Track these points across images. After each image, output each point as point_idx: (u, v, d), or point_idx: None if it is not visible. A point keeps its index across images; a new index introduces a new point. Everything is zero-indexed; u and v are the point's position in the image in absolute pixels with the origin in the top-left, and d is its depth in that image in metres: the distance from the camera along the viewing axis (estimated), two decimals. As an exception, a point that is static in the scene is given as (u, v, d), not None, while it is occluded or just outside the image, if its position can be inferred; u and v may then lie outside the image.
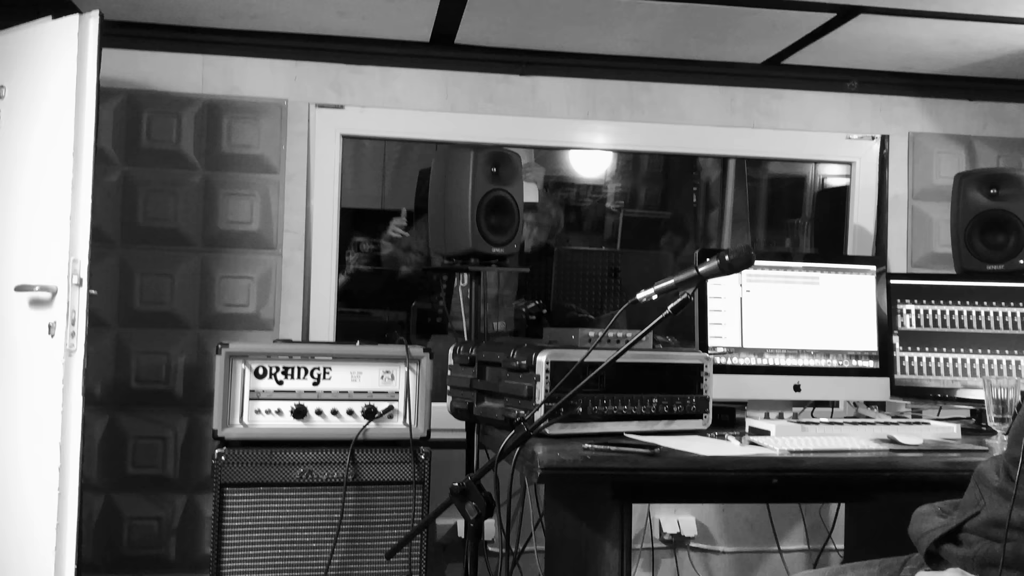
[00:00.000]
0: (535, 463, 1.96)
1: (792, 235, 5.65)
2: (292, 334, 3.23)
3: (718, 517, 3.50)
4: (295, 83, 3.28)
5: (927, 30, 2.99)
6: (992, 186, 3.07)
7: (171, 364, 3.15)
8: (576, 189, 5.76)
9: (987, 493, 1.55)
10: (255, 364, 2.65)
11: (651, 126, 3.48)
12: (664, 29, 3.06)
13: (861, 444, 2.21)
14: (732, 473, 2.03)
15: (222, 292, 3.19)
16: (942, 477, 2.10)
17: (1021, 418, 1.42)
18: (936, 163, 3.58)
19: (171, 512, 3.14)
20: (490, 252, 2.86)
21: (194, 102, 3.20)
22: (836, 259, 2.86)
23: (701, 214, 5.87)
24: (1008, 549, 1.43)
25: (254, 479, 2.59)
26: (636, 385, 2.31)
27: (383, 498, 2.66)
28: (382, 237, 4.15)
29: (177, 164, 3.18)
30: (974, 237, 3.07)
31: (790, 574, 3.42)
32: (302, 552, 2.60)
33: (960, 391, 2.77)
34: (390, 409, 2.71)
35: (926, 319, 2.81)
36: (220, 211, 3.20)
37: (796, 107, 3.54)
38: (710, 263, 1.94)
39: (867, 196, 3.63)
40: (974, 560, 1.50)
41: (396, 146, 5.33)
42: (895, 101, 3.58)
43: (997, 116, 3.63)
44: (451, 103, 3.37)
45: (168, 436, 3.14)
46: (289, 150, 3.26)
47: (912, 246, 3.58)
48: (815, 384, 2.71)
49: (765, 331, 2.69)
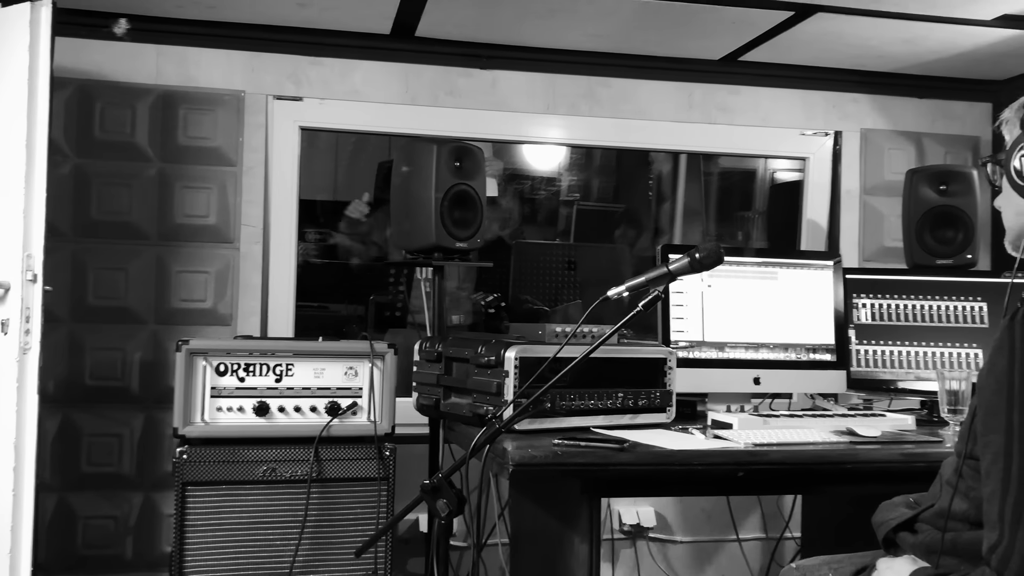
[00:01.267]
0: (506, 459, 1.97)
1: (744, 228, 5.74)
2: (250, 329, 3.19)
3: (676, 508, 3.55)
4: (253, 74, 3.23)
5: (881, 29, 3.05)
6: (942, 183, 3.16)
7: (126, 360, 3.09)
8: (531, 182, 5.77)
9: (943, 486, 1.60)
10: (216, 361, 2.62)
11: (610, 121, 3.50)
12: (625, 24, 3.08)
13: (822, 437, 2.26)
14: (699, 467, 2.06)
15: (178, 287, 3.14)
16: (900, 468, 2.16)
17: (969, 415, 1.47)
18: (887, 159, 3.67)
19: (127, 511, 3.09)
20: (454, 247, 2.85)
21: (149, 93, 3.13)
22: (794, 254, 2.92)
23: (654, 207, 5.93)
24: (948, 538, 1.48)
25: (216, 478, 2.55)
26: (602, 380, 2.33)
27: (348, 495, 2.65)
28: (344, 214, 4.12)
29: (131, 156, 3.11)
30: (925, 232, 3.15)
31: (749, 563, 3.50)
32: (266, 550, 2.57)
33: (913, 383, 2.85)
34: (354, 405, 2.70)
35: (881, 313, 2.88)
36: (176, 204, 3.14)
37: (752, 103, 3.60)
38: (680, 261, 1.96)
39: (820, 191, 3.70)
40: (922, 547, 1.56)
41: (350, 137, 5.28)
42: (847, 98, 3.66)
43: (945, 114, 3.72)
44: (411, 96, 3.35)
45: (124, 433, 3.08)
46: (247, 142, 3.21)
47: (864, 240, 3.66)
48: (774, 377, 2.76)
49: (726, 325, 2.73)
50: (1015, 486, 1.25)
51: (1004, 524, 1.24)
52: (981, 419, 1.35)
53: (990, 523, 1.28)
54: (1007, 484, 1.26)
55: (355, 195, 4.60)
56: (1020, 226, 1.52)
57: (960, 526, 1.48)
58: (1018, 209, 1.50)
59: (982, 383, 1.37)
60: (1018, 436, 1.26)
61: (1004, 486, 1.26)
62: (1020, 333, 1.29)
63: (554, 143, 3.93)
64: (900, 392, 2.89)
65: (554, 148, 5.42)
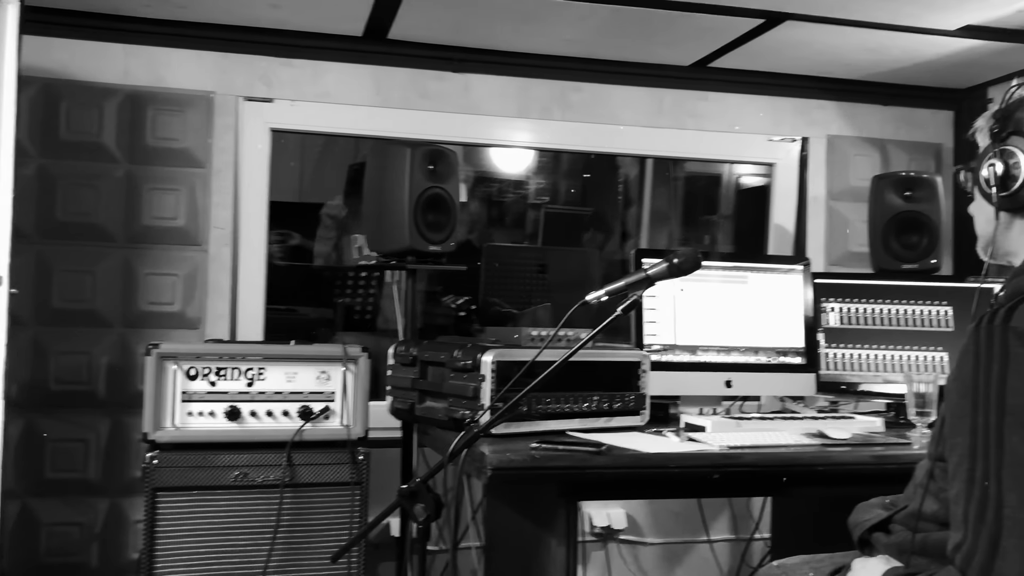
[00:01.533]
0: (484, 463, 1.96)
1: (710, 232, 5.79)
2: (219, 333, 3.15)
3: (646, 509, 3.57)
4: (223, 75, 3.19)
5: (848, 38, 3.11)
6: (907, 189, 3.22)
7: (93, 364, 3.04)
8: (498, 185, 5.78)
9: (916, 488, 1.63)
10: (187, 365, 2.59)
11: (582, 126, 3.51)
12: (598, 30, 3.10)
13: (794, 439, 2.29)
14: (675, 470, 2.08)
15: (146, 290, 3.09)
16: (871, 470, 2.20)
17: (939, 418, 1.50)
18: (852, 165, 3.73)
19: (93, 517, 3.03)
20: (427, 250, 2.85)
21: (116, 93, 3.08)
22: (765, 259, 2.95)
23: (620, 210, 5.96)
24: (918, 538, 1.51)
25: (188, 483, 2.53)
26: (577, 383, 2.34)
27: (320, 500, 2.63)
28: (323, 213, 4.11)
29: (98, 157, 3.06)
30: (890, 237, 3.21)
31: (720, 565, 3.53)
32: (238, 556, 2.55)
33: (881, 386, 2.89)
34: (326, 410, 2.68)
35: (849, 317, 2.93)
36: (144, 206, 3.10)
37: (721, 109, 3.63)
38: (659, 266, 1.98)
39: (787, 196, 3.75)
40: (895, 547, 1.59)
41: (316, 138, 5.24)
42: (814, 105, 3.71)
43: (908, 121, 3.79)
44: (383, 98, 3.34)
45: (90, 438, 3.03)
46: (216, 144, 3.18)
47: (829, 245, 3.71)
48: (745, 380, 2.79)
49: (698, 329, 2.76)
50: (979, 487, 1.27)
51: (968, 524, 1.27)
52: (948, 422, 1.38)
53: (955, 523, 1.31)
54: (971, 485, 1.28)
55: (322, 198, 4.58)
56: (989, 233, 1.55)
57: (931, 527, 1.51)
58: (988, 216, 1.53)
59: (949, 387, 1.39)
60: (982, 439, 1.29)
61: (968, 487, 1.29)
62: (985, 339, 1.31)
63: (526, 147, 3.94)
64: (868, 395, 2.94)
65: (522, 151, 5.43)
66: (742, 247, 5.22)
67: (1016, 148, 1.46)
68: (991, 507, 1.24)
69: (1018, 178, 1.45)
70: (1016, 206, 1.48)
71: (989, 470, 1.26)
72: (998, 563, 1.22)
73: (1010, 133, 1.48)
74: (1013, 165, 1.46)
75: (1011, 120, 1.49)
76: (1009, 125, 1.49)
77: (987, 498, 1.25)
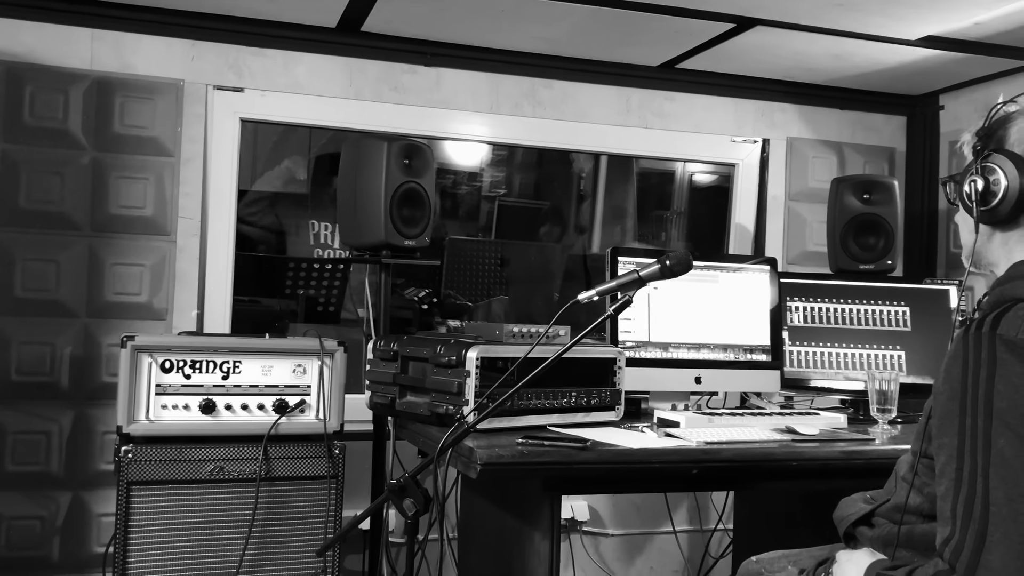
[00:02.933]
0: (473, 458, 1.99)
1: (664, 228, 5.88)
2: (186, 324, 3.12)
3: (608, 501, 3.64)
4: (193, 63, 3.15)
5: (815, 44, 3.19)
6: (865, 192, 3.33)
7: (56, 355, 2.98)
8: (453, 177, 5.78)
9: (899, 482, 1.71)
10: (162, 357, 2.56)
11: (552, 123, 3.55)
12: (573, 29, 3.13)
13: (766, 435, 2.37)
14: (657, 465, 2.14)
15: (112, 280, 3.04)
16: (839, 465, 2.28)
17: (924, 416, 1.57)
18: (811, 167, 3.83)
19: (55, 511, 2.98)
20: (403, 244, 2.86)
21: (83, 78, 3.02)
22: (735, 258, 3.03)
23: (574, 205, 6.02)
24: (903, 531, 1.59)
25: (162, 477, 2.50)
26: (556, 379, 2.38)
27: (296, 493, 2.63)
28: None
29: (64, 143, 3.00)
30: (848, 238, 3.32)
31: (684, 553, 3.61)
32: (213, 550, 2.53)
33: (842, 383, 3.00)
34: (302, 403, 2.68)
35: (812, 316, 3.02)
36: (111, 194, 3.04)
37: (686, 109, 3.70)
38: (651, 267, 2.02)
39: (748, 196, 3.84)
40: (879, 540, 1.66)
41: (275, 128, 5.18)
42: (776, 107, 3.80)
43: (864, 125, 3.91)
44: (355, 91, 3.32)
45: (52, 431, 2.97)
46: (185, 132, 3.13)
47: (788, 244, 3.81)
48: (714, 376, 2.86)
49: (670, 326, 2.82)
50: (966, 485, 1.34)
51: (956, 520, 1.34)
52: (936, 423, 1.45)
53: (943, 519, 1.38)
54: (959, 483, 1.36)
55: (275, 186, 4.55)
56: (971, 243, 1.63)
57: (915, 519, 1.59)
58: (970, 227, 1.61)
59: (938, 389, 1.46)
60: (969, 439, 1.36)
61: (956, 485, 1.36)
62: (973, 345, 1.39)
63: (496, 143, 3.95)
64: (829, 392, 3.04)
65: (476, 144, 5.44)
66: (696, 243, 5.32)
67: (996, 165, 1.53)
68: (978, 504, 1.31)
69: (997, 194, 1.53)
70: (995, 220, 1.56)
71: (977, 469, 1.33)
72: (984, 556, 1.29)
73: (991, 151, 1.56)
74: (993, 181, 1.54)
75: (993, 138, 1.57)
76: (991, 143, 1.57)
77: (974, 496, 1.32)
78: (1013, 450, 1.31)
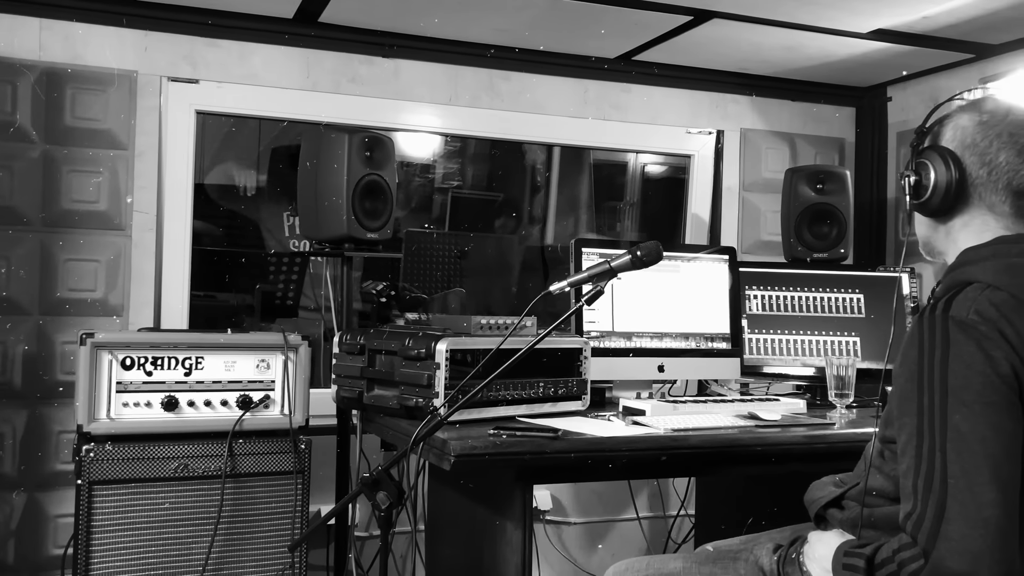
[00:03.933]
0: (446, 450, 2.00)
1: (619, 219, 5.93)
2: (143, 320, 3.06)
3: (570, 490, 3.67)
4: (146, 54, 3.08)
5: (769, 37, 3.25)
6: (819, 182, 3.40)
7: (8, 353, 2.90)
8: (405, 168, 5.76)
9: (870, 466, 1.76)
10: (122, 354, 2.51)
11: (510, 114, 3.55)
12: (531, 20, 3.14)
13: (730, 421, 2.42)
14: (627, 453, 2.17)
15: (66, 276, 2.97)
16: (802, 450, 2.34)
17: (890, 403, 1.63)
18: (764, 157, 3.90)
19: (9, 513, 2.91)
20: (365, 237, 2.85)
21: (31, 69, 2.94)
22: (694, 248, 3.07)
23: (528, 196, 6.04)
24: (870, 513, 1.65)
25: (125, 476, 2.46)
26: (523, 370, 2.39)
27: (262, 489, 2.61)
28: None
29: (12, 136, 2.92)
30: (803, 228, 3.39)
31: (647, 538, 3.66)
32: (179, 548, 2.50)
33: (799, 369, 3.06)
34: (266, 399, 2.65)
35: (769, 304, 3.08)
36: (63, 189, 2.97)
37: (642, 101, 3.74)
38: (622, 258, 2.05)
39: (703, 187, 3.90)
40: (848, 522, 1.72)
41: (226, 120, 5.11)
42: (729, 99, 3.86)
43: (815, 117, 3.99)
44: (312, 82, 3.29)
45: (5, 431, 2.90)
46: (139, 125, 3.07)
47: (742, 234, 3.88)
48: (677, 365, 2.91)
49: (633, 316, 2.86)
50: (926, 462, 1.41)
51: (917, 494, 1.40)
52: (896, 404, 1.51)
53: (905, 495, 1.44)
54: (919, 460, 1.42)
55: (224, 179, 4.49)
56: (923, 235, 1.72)
57: (881, 502, 1.64)
58: (920, 220, 1.70)
59: (897, 372, 1.52)
60: (927, 418, 1.42)
61: (917, 462, 1.42)
62: (928, 328, 1.46)
63: (454, 135, 3.94)
64: (787, 378, 3.10)
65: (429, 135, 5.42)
66: (650, 233, 5.37)
67: (928, 161, 1.61)
68: (937, 477, 1.38)
69: (928, 187, 1.60)
70: (931, 212, 1.65)
71: (935, 446, 1.40)
72: (944, 527, 1.35)
73: (925, 148, 1.63)
74: (924, 176, 1.61)
75: (928, 135, 1.67)
76: (926, 140, 1.66)
77: (933, 470, 1.39)
78: (968, 425, 1.37)
